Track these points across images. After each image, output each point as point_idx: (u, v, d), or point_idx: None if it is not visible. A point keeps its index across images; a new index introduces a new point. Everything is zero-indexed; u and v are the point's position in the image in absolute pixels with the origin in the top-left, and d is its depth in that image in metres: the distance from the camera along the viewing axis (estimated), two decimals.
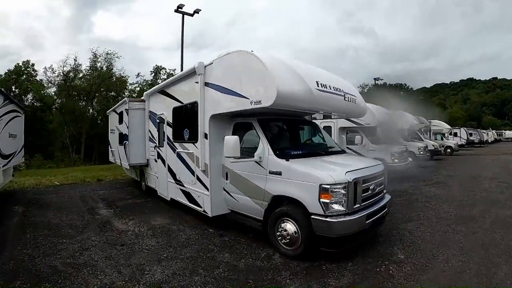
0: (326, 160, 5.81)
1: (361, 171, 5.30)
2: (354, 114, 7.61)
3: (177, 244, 5.83)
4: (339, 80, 6.77)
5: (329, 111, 6.61)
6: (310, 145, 7.24)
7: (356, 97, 6.92)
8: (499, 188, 11.22)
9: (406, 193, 10.77)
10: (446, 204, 8.96)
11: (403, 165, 13.13)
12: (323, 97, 5.74)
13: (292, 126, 7.10)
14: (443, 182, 12.81)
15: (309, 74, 5.80)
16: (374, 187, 5.42)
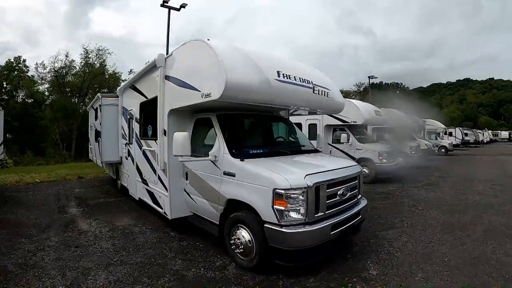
0: (289, 161, 5.23)
1: (327, 173, 4.64)
2: (328, 109, 6.88)
3: (132, 248, 5.49)
4: (309, 71, 6.06)
5: (293, 104, 5.80)
6: (277, 143, 6.57)
7: (329, 91, 6.17)
8: (493, 191, 10.44)
9: (392, 195, 10.00)
10: (434, 209, 8.18)
11: (391, 166, 12.31)
12: (284, 88, 5.10)
13: (258, 122, 6.54)
14: (434, 184, 12.03)
15: (269, 63, 5.17)
16: (343, 192, 4.75)
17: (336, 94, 6.58)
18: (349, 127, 13.23)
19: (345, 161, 5.89)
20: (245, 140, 5.91)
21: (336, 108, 6.85)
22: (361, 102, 13.68)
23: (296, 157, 5.60)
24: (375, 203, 8.99)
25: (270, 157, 5.08)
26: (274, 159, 5.01)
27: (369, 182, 12.08)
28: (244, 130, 6.23)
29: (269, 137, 6.66)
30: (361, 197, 5.60)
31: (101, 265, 4.76)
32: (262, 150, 5.29)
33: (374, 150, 12.28)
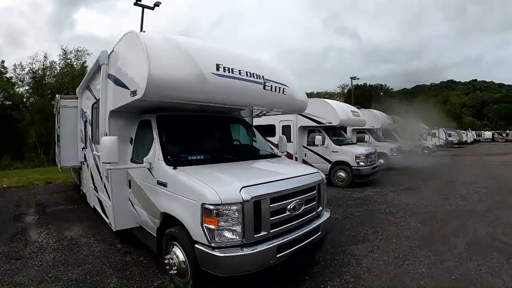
0: (232, 169, 4.43)
1: (272, 184, 3.85)
2: (286, 108, 5.89)
3: (73, 262, 5.05)
4: (260, 64, 5.17)
5: (237, 102, 4.91)
6: (228, 148, 5.82)
7: (287, 87, 5.29)
8: (477, 195, 9.66)
9: (369, 201, 9.12)
10: (414, 217, 7.32)
11: (369, 169, 11.45)
12: (223, 84, 4.31)
13: (206, 124, 5.78)
14: (415, 188, 11.21)
15: (207, 56, 4.38)
16: (295, 206, 3.94)
17: (297, 92, 5.72)
18: (325, 129, 12.36)
19: (303, 168, 5.01)
20: (185, 145, 5.07)
21: (297, 107, 6.00)
22: (337, 102, 12.87)
23: (244, 164, 4.82)
24: (349, 210, 8.15)
25: (212, 164, 4.39)
26: (214, 167, 4.28)
27: (346, 187, 11.32)
28: (186, 133, 5.38)
29: (219, 141, 5.93)
30: (323, 209, 4.78)
31: (34, 281, 4.37)
32: (203, 157, 4.59)
33: (351, 153, 11.42)
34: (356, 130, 17.47)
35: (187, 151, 4.71)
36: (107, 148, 4.07)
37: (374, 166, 12.04)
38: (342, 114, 11.94)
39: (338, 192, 10.65)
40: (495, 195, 9.57)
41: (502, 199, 9.02)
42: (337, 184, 11.61)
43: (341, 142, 12.44)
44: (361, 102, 59.03)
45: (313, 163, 11.96)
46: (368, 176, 11.57)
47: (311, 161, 12.28)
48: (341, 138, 13.18)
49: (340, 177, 11.57)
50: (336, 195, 10.17)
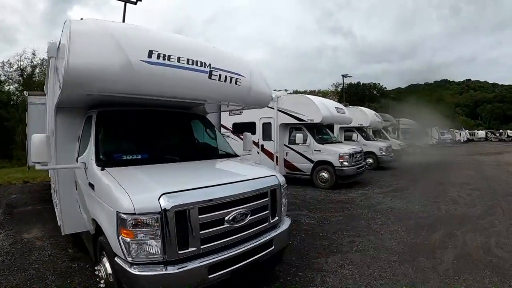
0: (165, 171, 3.80)
1: (203, 191, 3.18)
2: (243, 102, 5.03)
3: (19, 266, 4.71)
4: (207, 51, 4.33)
5: (176, 94, 4.09)
6: (173, 147, 5.04)
7: (242, 77, 4.47)
8: (470, 198, 8.86)
9: (351, 205, 8.28)
10: (397, 224, 6.51)
11: (353, 169, 10.62)
12: (156, 73, 3.62)
13: (155, 121, 5.04)
14: (403, 189, 10.39)
15: (139, 41, 3.68)
16: (237, 217, 3.29)
17: (256, 83, 4.86)
18: (308, 126, 11.52)
19: (256, 171, 4.20)
20: (124, 143, 4.51)
21: (256, 100, 5.14)
22: (319, 99, 12.00)
23: (186, 166, 4.15)
24: (327, 215, 7.34)
25: (149, 165, 3.81)
26: (145, 169, 3.68)
27: (329, 188, 10.53)
28: (128, 130, 4.71)
29: (166, 140, 5.15)
30: (279, 218, 3.98)
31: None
32: (141, 156, 4.02)
33: (334, 152, 10.58)
34: (344, 129, 16.70)
35: (125, 150, 4.16)
36: (36, 146, 3.61)
37: (360, 166, 11.22)
38: (324, 110, 11.08)
39: (319, 194, 9.83)
40: (488, 199, 8.77)
41: (496, 203, 8.22)
42: (319, 185, 10.78)
43: (325, 141, 11.60)
44: (355, 101, 58.49)
45: (295, 163, 11.21)
46: (352, 177, 10.75)
47: (293, 161, 11.52)
48: (326, 136, 12.37)
49: (323, 177, 10.74)
50: (316, 197, 9.36)
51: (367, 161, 15.71)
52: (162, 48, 3.65)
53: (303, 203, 8.60)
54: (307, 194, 9.76)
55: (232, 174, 3.96)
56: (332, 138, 12.59)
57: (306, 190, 10.35)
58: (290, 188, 10.68)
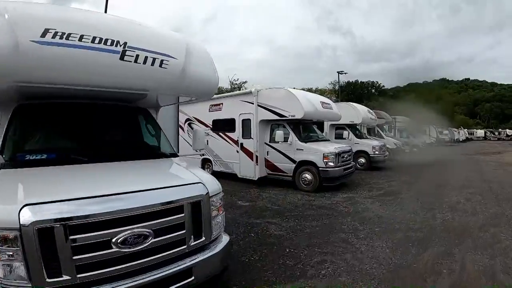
0: (67, 174, 3.08)
1: (78, 203, 2.39)
2: (174, 90, 3.99)
3: None
4: (126, 27, 3.52)
5: (77, 82, 3.18)
6: (96, 146, 3.95)
7: (171, 59, 3.57)
8: (469, 205, 7.73)
9: (333, 211, 7.17)
10: (383, 238, 5.41)
11: (339, 170, 9.48)
12: (46, 56, 2.82)
13: (83, 115, 4.13)
14: (394, 193, 9.26)
15: (32, 18, 2.92)
16: (131, 238, 2.49)
17: (195, 66, 3.86)
18: (291, 123, 10.41)
19: (179, 177, 3.46)
20: (35, 141, 3.74)
21: (195, 88, 4.09)
22: (303, 93, 10.83)
23: (96, 167, 3.32)
24: (302, 224, 6.26)
25: (54, 166, 3.17)
26: (41, 171, 3.06)
27: (312, 191, 9.37)
28: (44, 126, 3.89)
29: (87, 137, 4.05)
30: (206, 239, 3.02)
31: None
32: (47, 156, 3.33)
33: (318, 151, 9.44)
34: (335, 126, 15.58)
35: (34, 149, 3.50)
36: None
37: (348, 167, 10.08)
38: (307, 105, 9.94)
39: (300, 198, 8.71)
40: (491, 205, 7.66)
41: (500, 211, 7.11)
42: (302, 187, 9.67)
43: (309, 139, 10.47)
44: (353, 99, 57.56)
45: (276, 163, 10.13)
46: (339, 179, 9.63)
47: (274, 161, 10.42)
48: (312, 134, 11.27)
49: (306, 179, 9.62)
50: (296, 202, 8.25)
51: (359, 161, 14.64)
52: (61, 26, 2.90)
53: (278, 209, 7.49)
54: (286, 198, 8.65)
55: (141, 181, 2.97)
56: (319, 136, 11.47)
57: (287, 194, 9.24)
58: (270, 191, 9.61)
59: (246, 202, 8.41)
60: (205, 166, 13.21)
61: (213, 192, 3.14)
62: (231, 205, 7.95)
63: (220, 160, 12.36)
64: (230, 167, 11.82)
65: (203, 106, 13.06)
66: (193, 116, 13.78)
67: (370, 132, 19.53)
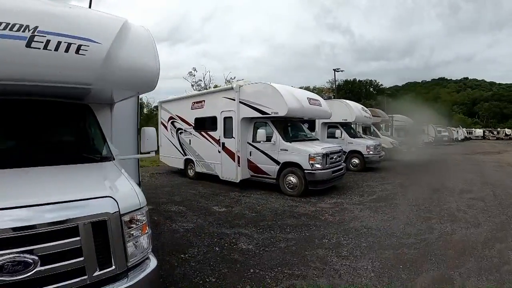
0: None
1: None
2: (93, 81, 3.14)
3: None
4: (38, 8, 2.87)
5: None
6: (11, 149, 3.38)
7: (90, 43, 2.92)
8: (472, 213, 6.84)
9: (316, 221, 6.30)
10: (369, 256, 4.54)
11: (328, 173, 8.58)
12: None
13: (10, 114, 3.44)
14: (388, 198, 8.36)
15: None
16: (9, 265, 1.91)
17: (126, 52, 3.20)
18: (275, 121, 9.52)
19: (86, 189, 2.63)
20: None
21: (126, 79, 3.31)
22: (288, 88, 9.84)
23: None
24: (277, 236, 5.44)
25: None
26: None
27: (297, 196, 8.47)
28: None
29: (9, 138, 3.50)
30: (117, 268, 2.37)
31: None
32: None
33: (303, 152, 8.53)
34: (328, 125, 14.69)
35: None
36: None
37: (338, 169, 9.18)
38: (292, 102, 9.00)
39: (283, 203, 7.82)
40: (495, 213, 6.77)
41: (506, 221, 6.23)
42: (287, 191, 8.77)
43: (295, 138, 9.56)
44: (350, 97, 56.97)
45: (259, 164, 9.24)
46: (327, 182, 8.71)
47: (257, 162, 9.52)
48: (300, 133, 10.40)
49: (290, 182, 8.72)
50: (277, 208, 7.37)
51: (352, 161, 13.76)
52: None
53: (255, 217, 6.62)
54: (267, 204, 7.77)
55: (33, 193, 2.34)
56: (308, 135, 10.55)
57: (269, 198, 8.35)
58: (252, 195, 8.73)
59: (222, 207, 7.56)
60: (188, 167, 12.35)
61: (128, 208, 2.46)
62: (204, 211, 7.18)
63: (202, 161, 11.50)
64: (212, 168, 10.96)
65: (186, 104, 12.27)
66: (176, 114, 12.97)
67: (366, 131, 18.71)
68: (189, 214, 6.95)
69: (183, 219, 6.59)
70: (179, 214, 7.02)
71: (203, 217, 6.74)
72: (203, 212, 7.10)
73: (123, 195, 2.50)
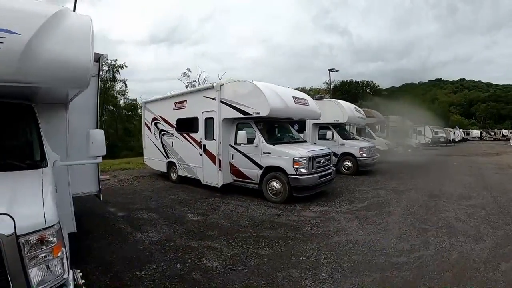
0: None
1: None
2: (11, 76, 2.72)
3: None
4: None
5: None
6: None
7: (7, 34, 2.64)
8: (472, 223, 6.13)
9: (297, 232, 5.59)
10: (351, 280, 3.88)
11: (314, 178, 7.83)
12: None
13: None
14: (380, 206, 7.64)
15: None
16: None
17: (52, 44, 2.85)
18: (261, 122, 8.82)
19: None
20: None
21: (50, 74, 2.89)
22: (271, 86, 8.99)
23: None
24: (248, 252, 4.73)
25: None
26: None
27: (281, 202, 7.76)
28: None
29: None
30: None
31: None
32: None
33: (287, 155, 7.80)
34: (319, 126, 13.96)
35: None
36: None
37: (326, 173, 8.44)
38: (275, 101, 8.25)
39: (264, 211, 7.12)
40: (498, 224, 6.06)
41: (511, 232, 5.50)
42: (270, 198, 8.04)
43: (280, 141, 8.84)
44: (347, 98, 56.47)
45: (242, 168, 8.52)
46: (313, 188, 7.96)
47: (240, 166, 8.80)
48: (286, 134, 9.68)
49: (274, 188, 7.99)
50: (256, 217, 6.67)
51: (345, 164, 13.03)
52: None
53: (229, 228, 5.91)
54: (247, 212, 7.05)
55: None
56: (296, 137, 9.80)
57: (250, 205, 7.62)
58: (233, 201, 8.01)
59: (197, 215, 6.87)
60: (171, 170, 11.61)
61: (30, 228, 2.11)
62: (177, 220, 6.51)
63: (184, 164, 10.77)
64: (194, 172, 10.23)
65: (168, 104, 11.56)
66: (159, 115, 12.28)
67: (361, 132, 18.04)
68: (160, 223, 6.27)
69: (152, 229, 5.92)
70: (150, 222, 6.35)
71: (174, 226, 6.06)
72: (175, 221, 6.42)
73: (25, 213, 2.17)
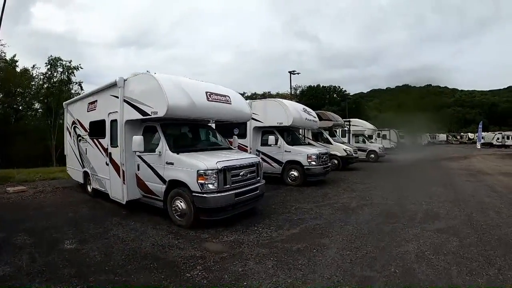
0: None
1: None
2: None
3: None
4: None
5: None
6: None
7: None
8: (439, 262, 4.41)
9: (175, 279, 3.59)
10: None
11: (226, 197, 5.86)
12: None
13: None
14: (314, 234, 5.86)
15: None
16: None
17: None
18: (166, 125, 6.99)
19: None
20: None
21: None
22: (177, 79, 6.75)
23: None
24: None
25: None
26: None
27: (188, 227, 5.98)
28: None
29: None
30: None
31: None
32: None
33: (191, 167, 5.87)
34: (262, 130, 12.08)
35: None
36: None
37: (248, 189, 6.50)
38: (176, 98, 6.20)
39: (159, 239, 5.36)
40: (478, 263, 4.31)
41: (498, 278, 3.73)
42: (176, 221, 6.19)
43: (190, 147, 6.90)
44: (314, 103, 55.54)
45: (147, 182, 6.79)
46: (225, 210, 5.98)
47: (145, 178, 7.08)
48: (207, 139, 7.89)
49: (177, 209, 6.06)
50: (144, 247, 4.88)
51: (290, 174, 11.20)
52: None
53: (99, 263, 4.01)
54: (137, 240, 5.36)
55: None
56: (219, 143, 7.84)
57: (149, 230, 5.89)
58: (133, 223, 6.05)
59: (75, 243, 5.20)
60: (87, 181, 9.54)
61: None
62: (43, 249, 4.97)
63: (95, 175, 8.83)
64: (104, 185, 8.25)
65: (84, 105, 9.55)
66: (76, 118, 10.28)
67: (318, 137, 16.36)
68: (24, 251, 4.79)
69: (4, 259, 4.40)
70: (14, 249, 4.89)
71: (28, 259, 4.49)
72: (38, 251, 4.81)
73: None
